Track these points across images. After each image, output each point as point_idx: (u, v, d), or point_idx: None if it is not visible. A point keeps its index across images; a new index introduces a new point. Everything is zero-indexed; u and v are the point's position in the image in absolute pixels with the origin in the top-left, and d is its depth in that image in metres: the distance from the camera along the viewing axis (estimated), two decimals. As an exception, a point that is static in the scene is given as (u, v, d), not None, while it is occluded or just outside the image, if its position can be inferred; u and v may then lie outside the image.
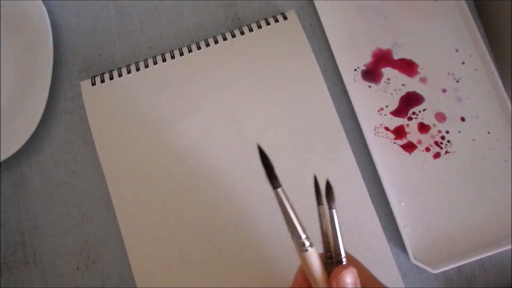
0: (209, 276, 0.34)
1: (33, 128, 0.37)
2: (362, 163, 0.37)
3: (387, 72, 0.39)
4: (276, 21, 0.38)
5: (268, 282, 0.34)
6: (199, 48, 0.38)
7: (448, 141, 0.37)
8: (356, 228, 0.35)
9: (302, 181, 0.35)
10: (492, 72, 0.38)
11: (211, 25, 0.41)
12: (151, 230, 0.35)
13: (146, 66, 0.38)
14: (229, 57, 0.38)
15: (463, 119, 0.38)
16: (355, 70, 0.39)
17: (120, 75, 0.38)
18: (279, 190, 0.23)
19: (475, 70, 0.39)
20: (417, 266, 0.35)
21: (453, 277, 0.36)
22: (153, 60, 0.38)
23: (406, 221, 0.35)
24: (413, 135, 0.37)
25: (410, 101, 0.38)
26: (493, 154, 0.37)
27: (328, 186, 0.24)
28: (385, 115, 0.38)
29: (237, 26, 0.40)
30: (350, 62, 0.39)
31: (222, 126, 0.37)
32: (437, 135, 0.37)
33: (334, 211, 0.24)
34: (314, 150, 0.36)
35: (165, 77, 0.38)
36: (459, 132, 0.37)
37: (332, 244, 0.25)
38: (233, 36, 0.38)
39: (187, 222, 0.35)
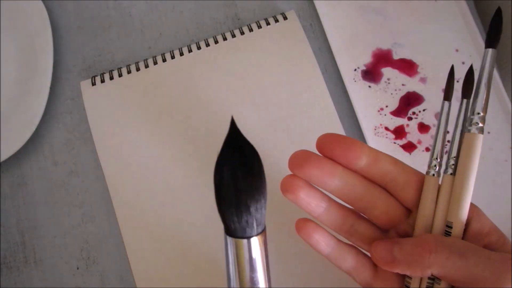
0: (210, 277, 0.34)
1: (33, 128, 0.37)
2: (362, 163, 0.37)
3: (387, 72, 0.39)
4: (276, 21, 0.38)
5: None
6: (199, 48, 0.38)
7: (448, 141, 0.37)
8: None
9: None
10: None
11: (211, 25, 0.41)
12: (151, 230, 0.35)
13: (146, 66, 0.38)
14: (229, 57, 0.38)
15: (463, 119, 0.38)
16: (355, 70, 0.39)
17: (120, 75, 0.38)
18: None
19: (475, 70, 0.39)
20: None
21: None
22: (153, 60, 0.38)
23: (406, 221, 0.35)
24: (413, 135, 0.37)
25: (410, 101, 0.38)
26: (493, 154, 0.37)
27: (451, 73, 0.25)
28: (385, 115, 0.38)
29: (237, 26, 0.40)
30: (350, 62, 0.39)
31: (222, 126, 0.37)
32: (437, 135, 0.37)
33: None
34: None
35: (165, 77, 0.38)
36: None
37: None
38: (233, 36, 0.38)
39: (188, 222, 0.35)
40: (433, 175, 0.25)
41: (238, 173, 0.15)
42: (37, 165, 0.38)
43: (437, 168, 0.25)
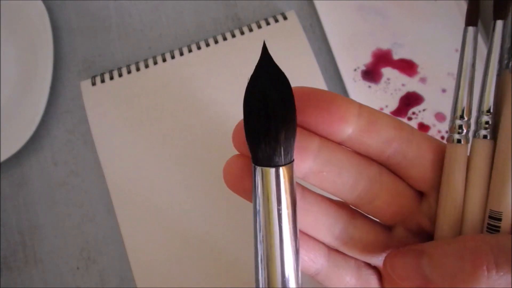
0: (210, 276, 0.34)
1: (33, 128, 0.37)
2: (362, 163, 0.37)
3: (387, 72, 0.39)
4: (276, 21, 0.38)
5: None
6: (199, 48, 0.38)
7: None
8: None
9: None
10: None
11: (211, 25, 0.41)
12: (151, 230, 0.35)
13: (146, 66, 0.38)
14: (229, 57, 0.38)
15: (463, 119, 0.38)
16: (355, 70, 0.39)
17: (120, 75, 0.38)
18: None
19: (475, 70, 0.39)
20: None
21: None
22: (153, 60, 0.38)
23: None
24: (413, 135, 0.37)
25: (410, 101, 0.38)
26: (493, 154, 0.37)
27: None
28: (385, 115, 0.38)
29: (237, 26, 0.40)
30: (350, 62, 0.39)
31: (223, 126, 0.37)
32: (437, 135, 0.37)
33: None
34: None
35: (165, 77, 0.38)
36: (459, 132, 0.37)
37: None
38: (233, 36, 0.38)
39: (188, 222, 0.35)
40: (459, 141, 0.17)
41: (268, 99, 0.14)
42: (37, 165, 0.38)
43: (464, 130, 0.17)
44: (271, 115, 0.14)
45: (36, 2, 0.38)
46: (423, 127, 0.37)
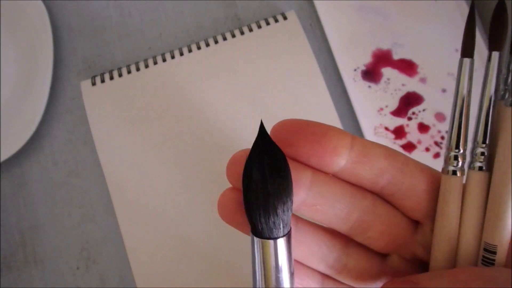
0: (209, 276, 0.34)
1: (33, 128, 0.37)
2: (362, 163, 0.37)
3: (387, 72, 0.39)
4: (276, 21, 0.38)
5: None
6: (199, 48, 0.38)
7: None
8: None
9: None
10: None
11: (211, 25, 0.41)
12: (151, 230, 0.35)
13: (146, 66, 0.38)
14: (229, 57, 0.38)
15: (463, 119, 0.38)
16: (355, 70, 0.39)
17: (120, 75, 0.38)
18: None
19: (475, 70, 0.39)
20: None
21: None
22: (153, 60, 0.38)
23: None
24: (413, 135, 0.37)
25: (410, 101, 0.38)
26: None
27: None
28: (385, 115, 0.38)
29: (237, 26, 0.40)
30: (350, 62, 0.39)
31: (222, 126, 0.37)
32: (437, 135, 0.37)
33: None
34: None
35: (165, 77, 0.38)
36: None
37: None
38: (233, 36, 0.38)
39: (188, 222, 0.35)
40: (454, 173, 0.17)
41: (267, 176, 0.15)
42: (37, 165, 0.38)
43: (460, 162, 0.17)
44: (270, 192, 0.15)
45: (36, 2, 0.38)
46: (423, 127, 0.37)
